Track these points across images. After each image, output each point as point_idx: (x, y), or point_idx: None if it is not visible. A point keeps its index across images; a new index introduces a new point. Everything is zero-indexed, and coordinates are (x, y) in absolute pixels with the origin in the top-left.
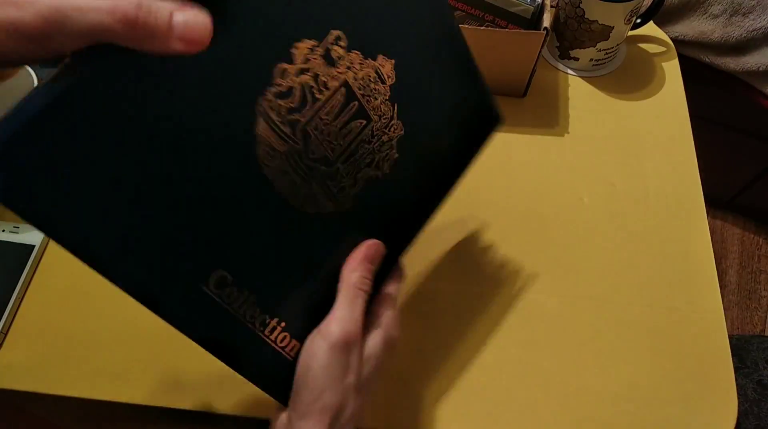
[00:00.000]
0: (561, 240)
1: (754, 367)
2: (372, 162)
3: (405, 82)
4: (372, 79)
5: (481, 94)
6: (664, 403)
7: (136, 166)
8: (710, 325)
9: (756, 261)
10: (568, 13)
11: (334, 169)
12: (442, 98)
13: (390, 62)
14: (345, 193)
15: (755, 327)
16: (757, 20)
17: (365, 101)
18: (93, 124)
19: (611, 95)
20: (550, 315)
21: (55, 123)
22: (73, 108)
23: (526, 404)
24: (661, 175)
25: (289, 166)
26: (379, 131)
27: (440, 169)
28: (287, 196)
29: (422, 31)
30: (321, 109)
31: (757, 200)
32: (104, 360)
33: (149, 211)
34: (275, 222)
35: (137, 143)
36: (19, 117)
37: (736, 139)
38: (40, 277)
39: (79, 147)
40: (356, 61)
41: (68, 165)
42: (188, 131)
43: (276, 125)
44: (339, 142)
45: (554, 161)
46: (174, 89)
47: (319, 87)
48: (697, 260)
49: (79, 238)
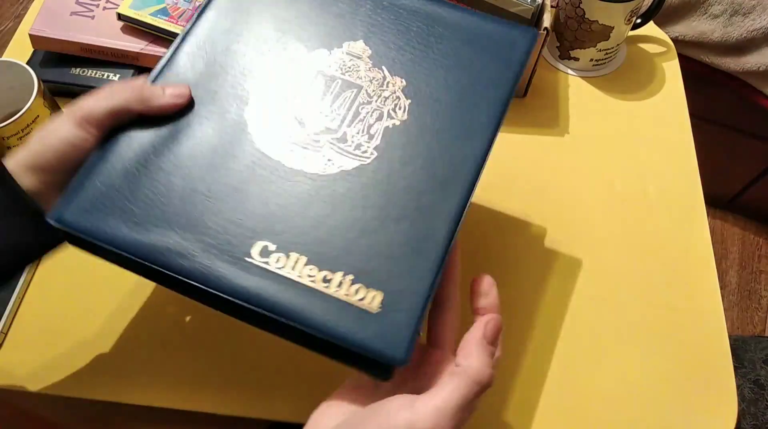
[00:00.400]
0: (561, 240)
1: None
2: (381, 115)
3: (381, 53)
4: (347, 60)
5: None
6: (664, 403)
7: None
8: (710, 325)
9: (756, 261)
10: (568, 13)
11: (340, 135)
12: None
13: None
14: (365, 149)
15: (755, 327)
16: (757, 20)
17: (347, 76)
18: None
19: (611, 95)
20: (550, 315)
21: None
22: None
23: (525, 404)
24: (661, 175)
25: (292, 142)
26: (377, 90)
27: (463, 102)
28: (300, 167)
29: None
30: (304, 94)
31: (757, 200)
32: (104, 360)
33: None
34: (295, 189)
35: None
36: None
37: (736, 139)
38: (40, 277)
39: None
40: (321, 55)
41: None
42: (207, 146)
43: (267, 120)
44: (337, 112)
45: (554, 161)
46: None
47: (294, 83)
48: (697, 260)
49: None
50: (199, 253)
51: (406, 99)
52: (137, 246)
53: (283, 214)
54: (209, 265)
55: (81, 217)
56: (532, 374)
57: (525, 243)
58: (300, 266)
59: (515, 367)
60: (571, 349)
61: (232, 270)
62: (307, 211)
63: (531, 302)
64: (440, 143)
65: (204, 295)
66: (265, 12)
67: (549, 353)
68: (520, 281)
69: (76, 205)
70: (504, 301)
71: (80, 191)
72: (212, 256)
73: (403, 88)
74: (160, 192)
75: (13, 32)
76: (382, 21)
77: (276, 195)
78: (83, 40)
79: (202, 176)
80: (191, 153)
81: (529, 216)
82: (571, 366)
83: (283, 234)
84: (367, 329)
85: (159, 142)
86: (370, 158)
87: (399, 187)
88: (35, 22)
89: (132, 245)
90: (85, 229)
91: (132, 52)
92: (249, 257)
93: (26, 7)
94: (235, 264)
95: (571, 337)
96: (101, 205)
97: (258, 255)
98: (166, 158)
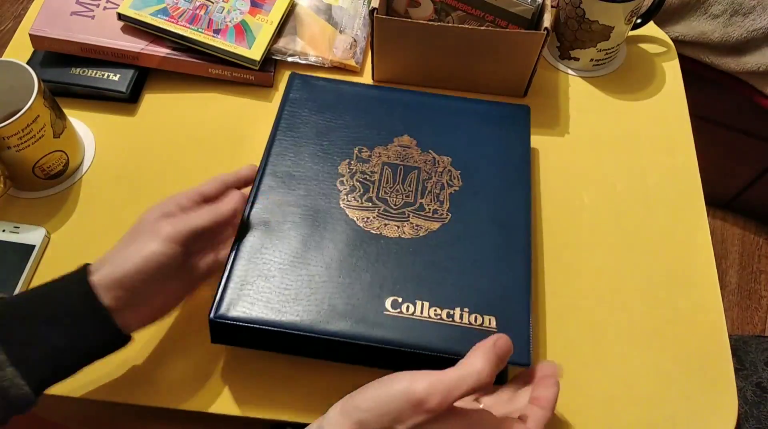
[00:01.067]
0: (561, 240)
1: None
2: (443, 186)
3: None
4: (401, 150)
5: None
6: (664, 403)
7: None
8: (710, 325)
9: (756, 261)
10: (569, 14)
11: (418, 205)
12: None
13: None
14: (441, 213)
15: (755, 327)
16: (757, 20)
17: (405, 162)
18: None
19: (611, 95)
20: (550, 315)
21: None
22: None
23: None
24: (661, 175)
25: (385, 219)
26: (431, 169)
27: (500, 163)
28: (398, 235)
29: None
30: (381, 181)
31: (757, 200)
32: (104, 360)
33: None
34: (401, 253)
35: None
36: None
37: (736, 139)
38: (40, 277)
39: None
40: (381, 151)
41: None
42: (318, 237)
43: (359, 206)
44: (410, 189)
45: (554, 161)
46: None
47: (368, 175)
48: (697, 260)
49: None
50: (343, 317)
51: (456, 170)
52: (289, 324)
53: (399, 273)
54: (355, 324)
55: (238, 311)
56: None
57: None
58: (426, 309)
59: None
60: (571, 349)
61: (376, 324)
62: (415, 267)
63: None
64: (494, 198)
65: (351, 350)
66: (319, 127)
67: (549, 353)
68: None
69: (229, 301)
70: None
71: (228, 291)
72: (355, 317)
73: (451, 163)
74: (296, 279)
75: (13, 32)
76: (415, 117)
77: (387, 260)
78: (83, 40)
79: (327, 260)
80: (310, 245)
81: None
82: (571, 366)
83: (404, 288)
84: None
85: (281, 245)
86: (447, 219)
87: (476, 235)
88: (35, 22)
89: (284, 324)
90: (244, 319)
91: (132, 52)
92: (386, 311)
93: (26, 7)
94: (377, 318)
95: (572, 337)
96: (250, 299)
97: (391, 307)
98: (291, 254)
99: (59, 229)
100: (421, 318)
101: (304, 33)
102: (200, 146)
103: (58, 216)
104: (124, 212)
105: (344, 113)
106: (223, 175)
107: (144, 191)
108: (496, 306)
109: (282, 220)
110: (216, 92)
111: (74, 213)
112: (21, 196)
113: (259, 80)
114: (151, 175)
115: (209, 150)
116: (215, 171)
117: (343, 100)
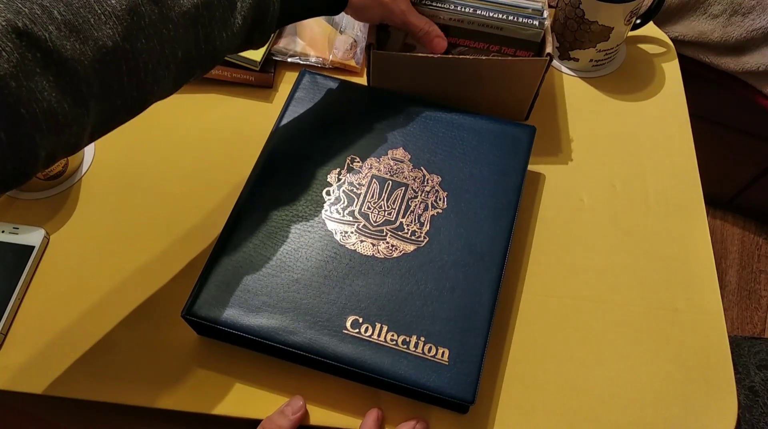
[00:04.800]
0: (561, 240)
1: (745, 372)
2: (427, 207)
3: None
4: (393, 164)
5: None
6: (664, 403)
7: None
8: (710, 326)
9: (756, 261)
10: (568, 14)
11: (398, 224)
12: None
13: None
14: (419, 235)
15: (755, 327)
16: (757, 20)
17: (395, 177)
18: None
19: (611, 96)
20: (550, 315)
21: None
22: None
23: (526, 404)
24: (661, 175)
25: (362, 235)
26: (418, 187)
27: (490, 187)
28: (372, 254)
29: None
30: (366, 195)
31: (757, 200)
32: (104, 361)
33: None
34: (370, 272)
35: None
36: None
37: (736, 139)
38: (40, 278)
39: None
40: (373, 162)
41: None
42: (297, 244)
43: (340, 219)
44: (393, 207)
45: (554, 161)
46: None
47: (356, 187)
48: (697, 260)
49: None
50: (304, 329)
51: (443, 192)
52: (254, 328)
53: (364, 292)
54: (314, 338)
55: (207, 310)
56: (532, 374)
57: (524, 243)
58: (384, 333)
59: (515, 367)
60: (571, 350)
61: (333, 341)
62: (382, 288)
63: (530, 302)
64: (475, 225)
65: (310, 361)
66: (316, 134)
67: (549, 353)
68: (520, 281)
69: (201, 301)
70: (503, 300)
71: (203, 290)
72: (315, 331)
73: (439, 183)
74: (267, 284)
75: None
76: (414, 130)
77: (356, 278)
78: None
79: (299, 269)
80: (286, 252)
81: (529, 216)
82: (571, 366)
83: (367, 309)
84: (442, 378)
85: (260, 247)
86: (423, 242)
87: (449, 263)
88: None
89: (249, 328)
90: (211, 319)
91: None
92: (345, 330)
93: None
94: (335, 336)
95: (571, 337)
96: (221, 300)
97: (350, 327)
98: (267, 257)
99: (59, 230)
100: (377, 341)
101: (304, 33)
102: (200, 147)
103: (58, 217)
104: (123, 213)
105: (345, 118)
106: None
107: (143, 192)
108: (452, 338)
109: (266, 223)
110: (216, 93)
111: (74, 214)
112: (20, 197)
113: (260, 81)
114: (150, 175)
115: (209, 150)
116: (215, 171)
117: (346, 104)
